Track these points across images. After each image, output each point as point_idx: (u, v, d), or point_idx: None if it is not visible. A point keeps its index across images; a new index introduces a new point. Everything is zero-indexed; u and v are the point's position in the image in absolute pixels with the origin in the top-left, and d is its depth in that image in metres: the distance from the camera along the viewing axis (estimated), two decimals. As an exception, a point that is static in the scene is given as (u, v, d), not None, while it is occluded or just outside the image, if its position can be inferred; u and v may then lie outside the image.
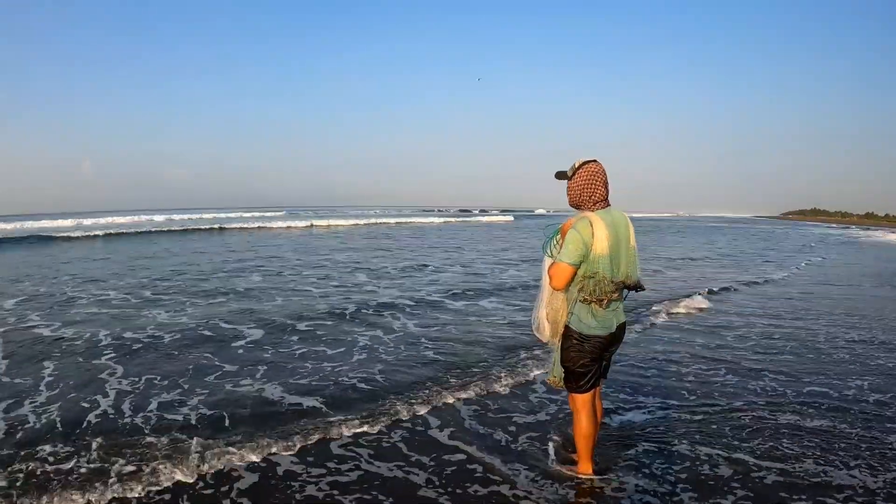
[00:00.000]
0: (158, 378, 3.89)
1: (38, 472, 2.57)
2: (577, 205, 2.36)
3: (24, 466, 2.61)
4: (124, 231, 20.84)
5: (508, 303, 6.91)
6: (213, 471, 2.60)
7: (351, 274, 9.44)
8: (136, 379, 3.88)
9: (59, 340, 4.91)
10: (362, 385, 3.80)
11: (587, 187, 2.30)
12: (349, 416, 3.21)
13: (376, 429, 3.08)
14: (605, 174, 2.32)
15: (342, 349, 4.70)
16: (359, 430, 3.05)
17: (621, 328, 2.41)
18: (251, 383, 3.81)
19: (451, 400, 3.50)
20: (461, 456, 2.80)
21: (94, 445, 2.83)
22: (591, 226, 2.22)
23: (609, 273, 2.24)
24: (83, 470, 2.59)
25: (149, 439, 2.91)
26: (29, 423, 3.15)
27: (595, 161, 2.33)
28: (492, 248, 15.45)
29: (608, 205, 2.34)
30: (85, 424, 3.12)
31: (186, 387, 3.71)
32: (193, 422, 3.16)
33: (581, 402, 2.42)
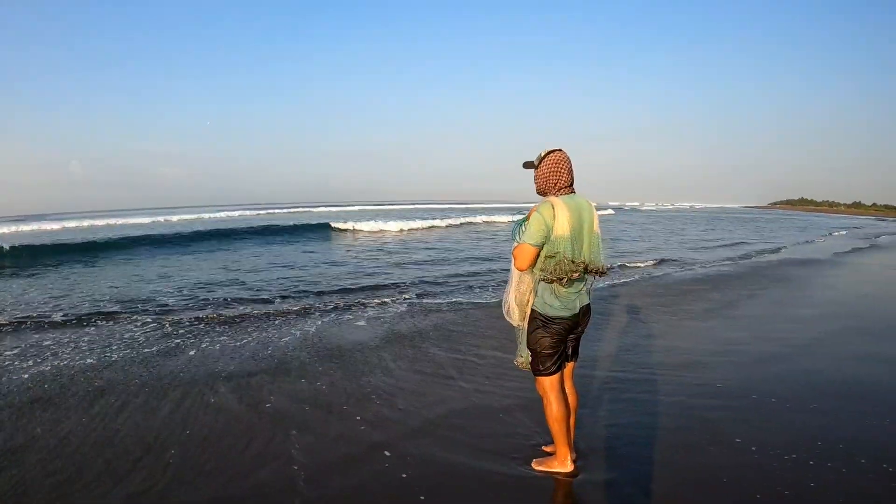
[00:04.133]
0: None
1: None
2: (543, 192, 2.49)
3: None
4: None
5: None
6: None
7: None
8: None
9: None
10: None
11: (552, 175, 2.42)
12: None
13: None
14: (569, 162, 2.44)
15: None
16: None
17: (585, 311, 2.52)
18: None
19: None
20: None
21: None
22: (553, 208, 2.34)
23: (570, 254, 2.34)
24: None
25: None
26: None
27: (560, 150, 2.46)
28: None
29: (573, 191, 2.47)
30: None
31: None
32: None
33: (549, 385, 2.49)
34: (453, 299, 7.03)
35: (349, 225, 21.15)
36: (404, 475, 2.63)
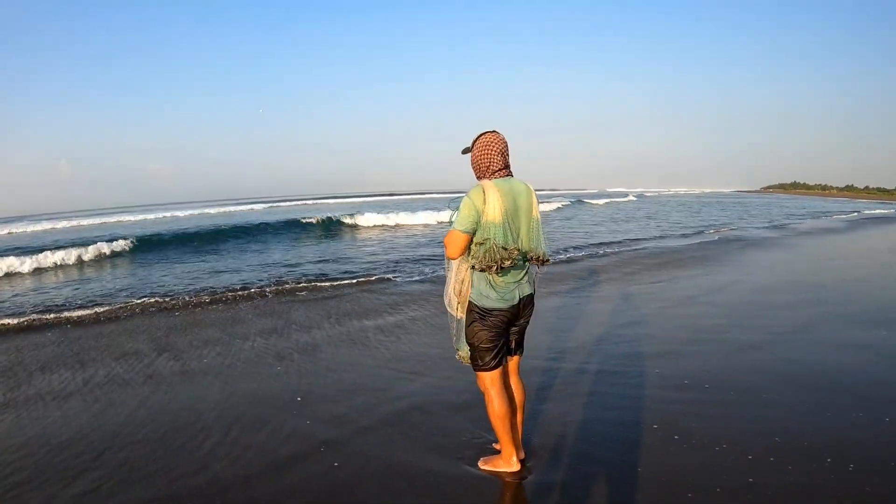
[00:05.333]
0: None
1: None
2: (479, 177, 2.32)
3: None
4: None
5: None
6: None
7: None
8: None
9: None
10: None
11: (484, 157, 2.27)
12: None
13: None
14: (503, 143, 2.28)
15: None
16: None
17: (527, 301, 2.35)
18: None
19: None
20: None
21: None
22: (484, 193, 2.18)
23: (502, 240, 2.18)
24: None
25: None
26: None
27: (493, 132, 2.30)
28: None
29: (509, 174, 2.30)
30: None
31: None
32: None
33: (490, 381, 2.33)
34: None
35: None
36: (349, 475, 2.51)
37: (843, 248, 11.40)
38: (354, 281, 7.60)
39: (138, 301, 6.60)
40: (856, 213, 23.88)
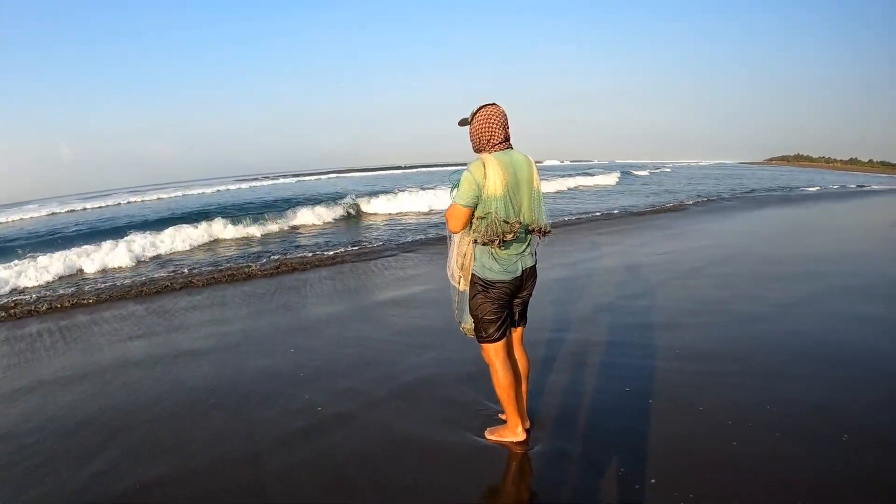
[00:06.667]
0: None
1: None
2: (478, 149, 2.31)
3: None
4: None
5: None
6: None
7: None
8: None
9: None
10: None
11: (485, 130, 2.25)
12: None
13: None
14: (503, 116, 2.27)
15: None
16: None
17: (529, 273, 2.36)
18: None
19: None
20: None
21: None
22: (485, 167, 2.17)
23: (503, 214, 2.18)
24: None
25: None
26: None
27: (494, 104, 2.28)
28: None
29: (509, 147, 2.28)
30: None
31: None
32: None
33: (494, 352, 2.36)
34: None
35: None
36: (359, 447, 2.56)
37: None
38: (360, 254, 7.71)
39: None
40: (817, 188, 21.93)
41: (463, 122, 2.36)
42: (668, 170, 40.14)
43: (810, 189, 20.76)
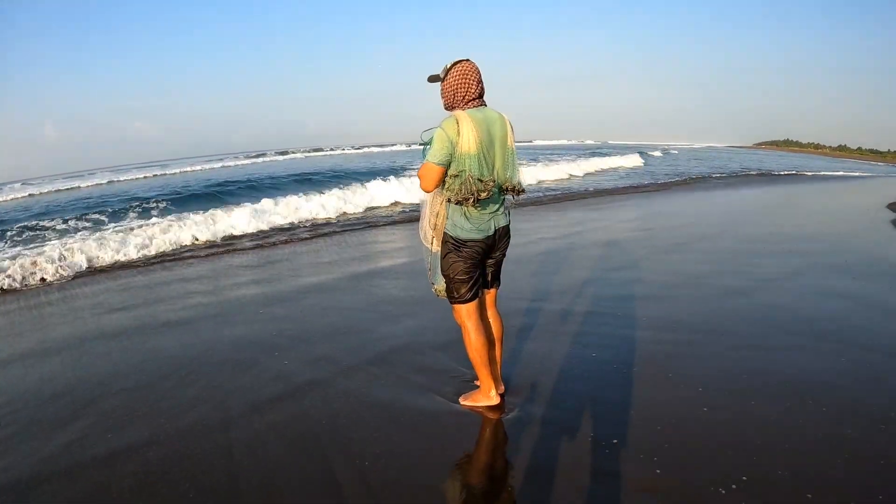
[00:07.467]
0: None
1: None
2: (451, 106, 2.23)
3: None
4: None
5: None
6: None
7: None
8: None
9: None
10: None
11: (460, 87, 2.17)
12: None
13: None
14: (478, 72, 2.19)
15: None
16: None
17: (503, 233, 2.31)
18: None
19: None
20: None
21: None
22: (458, 124, 2.09)
23: (477, 172, 2.11)
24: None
25: None
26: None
27: (468, 60, 2.20)
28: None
29: (483, 104, 2.21)
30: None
31: None
32: None
33: (466, 313, 2.31)
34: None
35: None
36: (330, 412, 2.53)
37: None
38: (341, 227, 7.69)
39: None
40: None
41: (434, 79, 2.26)
42: (675, 152, 40.30)
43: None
